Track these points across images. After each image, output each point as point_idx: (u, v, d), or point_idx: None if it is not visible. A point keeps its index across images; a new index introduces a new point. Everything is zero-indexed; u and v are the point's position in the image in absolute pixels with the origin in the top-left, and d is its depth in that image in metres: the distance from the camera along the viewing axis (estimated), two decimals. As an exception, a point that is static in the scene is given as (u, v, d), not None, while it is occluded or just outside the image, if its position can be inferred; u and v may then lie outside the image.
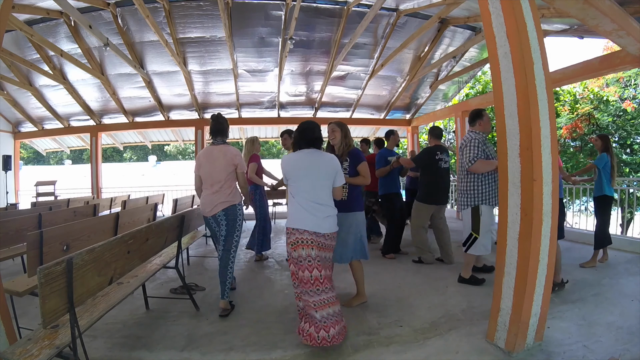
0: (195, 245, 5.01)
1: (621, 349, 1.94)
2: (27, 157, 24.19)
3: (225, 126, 2.79)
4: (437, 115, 8.75)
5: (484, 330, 2.13)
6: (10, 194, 8.21)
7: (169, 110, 7.97)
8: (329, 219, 2.10)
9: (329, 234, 2.10)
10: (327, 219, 2.09)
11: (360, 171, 2.65)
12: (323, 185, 2.11)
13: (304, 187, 2.10)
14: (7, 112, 8.16)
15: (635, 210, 7.97)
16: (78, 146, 10.45)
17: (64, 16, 5.61)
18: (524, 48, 1.83)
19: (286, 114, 8.42)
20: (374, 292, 2.92)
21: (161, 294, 3.04)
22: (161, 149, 27.78)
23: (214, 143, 2.75)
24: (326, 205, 2.11)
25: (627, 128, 10.24)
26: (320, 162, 2.13)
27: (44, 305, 1.36)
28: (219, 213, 2.64)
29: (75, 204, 5.54)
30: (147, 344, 2.16)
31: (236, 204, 2.71)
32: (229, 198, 2.67)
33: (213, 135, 2.76)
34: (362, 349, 2.04)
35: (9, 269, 3.75)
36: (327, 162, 2.14)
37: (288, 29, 5.75)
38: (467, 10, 5.56)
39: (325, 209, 2.09)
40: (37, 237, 2.13)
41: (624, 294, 2.73)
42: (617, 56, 3.92)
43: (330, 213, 2.12)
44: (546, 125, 1.86)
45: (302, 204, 2.08)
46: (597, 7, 2.75)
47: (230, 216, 2.66)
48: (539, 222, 1.85)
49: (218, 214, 2.64)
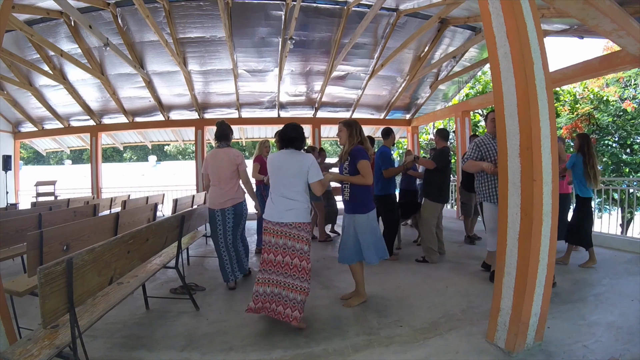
0: (195, 245, 5.01)
1: (621, 349, 1.94)
2: (27, 157, 24.17)
3: (228, 132, 3.25)
4: (437, 115, 8.76)
5: (484, 330, 2.13)
6: (10, 194, 8.20)
7: (169, 110, 7.97)
8: (293, 211, 2.33)
9: (293, 223, 2.32)
10: (290, 210, 2.33)
11: (360, 170, 2.55)
12: (292, 182, 2.35)
13: (275, 183, 2.41)
14: (7, 112, 8.16)
15: (635, 210, 7.98)
16: (78, 146, 10.44)
17: (64, 16, 5.61)
18: (524, 48, 1.83)
19: (286, 114, 8.42)
20: (374, 292, 2.92)
21: (161, 294, 3.04)
22: (161, 149, 27.76)
23: (219, 146, 3.21)
24: (294, 200, 2.35)
25: (627, 128, 10.22)
26: (291, 160, 2.37)
27: (44, 305, 1.36)
28: (229, 208, 3.10)
29: (75, 204, 5.53)
30: (147, 344, 2.16)
31: (243, 202, 3.23)
32: (237, 195, 3.15)
33: (218, 139, 3.23)
34: (362, 349, 2.04)
35: (9, 269, 3.75)
36: (297, 161, 2.36)
37: (288, 29, 5.75)
38: (467, 10, 5.56)
39: (291, 203, 2.34)
40: (37, 237, 2.13)
41: (624, 294, 2.73)
42: (617, 56, 3.92)
43: (296, 207, 2.34)
44: (546, 125, 1.86)
45: (272, 197, 2.41)
46: (597, 7, 2.75)
47: (237, 211, 3.15)
48: (539, 222, 1.85)
49: (227, 208, 3.10)
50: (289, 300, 2.28)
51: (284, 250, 2.33)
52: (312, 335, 2.23)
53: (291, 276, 2.31)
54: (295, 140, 2.42)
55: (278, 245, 2.34)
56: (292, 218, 2.33)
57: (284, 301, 2.30)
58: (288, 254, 2.33)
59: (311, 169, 2.35)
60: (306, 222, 2.36)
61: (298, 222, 2.33)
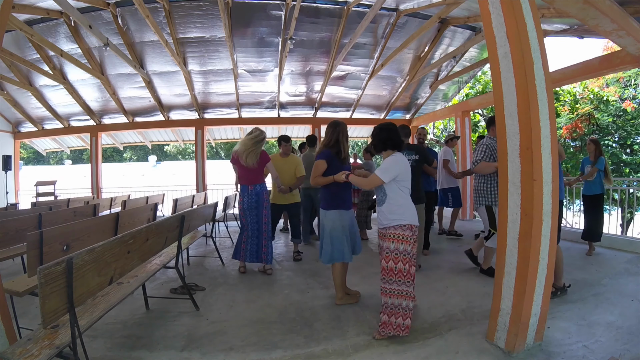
0: (195, 245, 5.01)
1: (621, 349, 1.94)
2: (27, 157, 24.14)
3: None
4: (437, 115, 8.76)
5: (484, 330, 2.13)
6: (10, 194, 8.21)
7: (169, 110, 7.97)
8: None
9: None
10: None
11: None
12: None
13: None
14: (7, 112, 8.16)
15: (635, 210, 7.98)
16: (78, 146, 10.44)
17: (64, 16, 5.61)
18: (524, 48, 1.83)
19: (286, 114, 8.42)
20: (374, 292, 2.91)
21: (161, 294, 3.04)
22: (161, 149, 27.73)
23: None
24: None
25: (627, 128, 10.22)
26: None
27: (44, 305, 1.36)
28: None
29: (75, 204, 5.53)
30: (147, 344, 2.16)
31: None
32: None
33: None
34: (362, 349, 2.04)
35: (9, 269, 3.75)
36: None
37: (288, 29, 5.75)
38: (467, 10, 5.56)
39: None
40: (37, 237, 2.13)
41: (624, 294, 2.73)
42: (617, 56, 3.92)
43: None
44: (546, 125, 1.86)
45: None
46: (597, 7, 2.75)
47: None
48: (539, 222, 1.85)
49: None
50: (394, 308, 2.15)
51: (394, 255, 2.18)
52: (312, 335, 2.23)
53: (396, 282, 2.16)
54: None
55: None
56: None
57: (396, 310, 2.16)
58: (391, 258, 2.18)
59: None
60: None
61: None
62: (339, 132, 2.66)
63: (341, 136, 2.66)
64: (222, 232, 5.96)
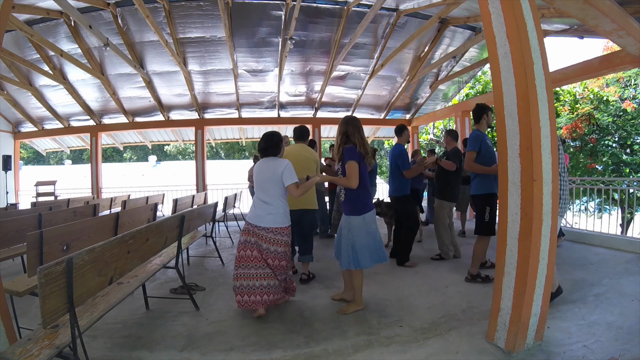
0: (195, 245, 5.01)
1: (621, 349, 1.94)
2: (27, 157, 24.15)
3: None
4: (437, 115, 8.76)
5: (484, 330, 2.13)
6: (10, 194, 8.21)
7: (169, 110, 7.97)
8: (271, 215, 2.47)
9: (270, 227, 2.47)
10: (269, 215, 2.47)
11: (347, 171, 2.43)
12: (268, 187, 2.49)
13: (256, 188, 2.56)
14: (7, 112, 8.16)
15: (635, 210, 7.98)
16: (78, 146, 10.44)
17: (64, 16, 5.61)
18: (524, 48, 1.83)
19: (286, 114, 8.42)
20: (374, 292, 2.92)
21: (161, 294, 3.04)
22: (161, 149, 27.73)
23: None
24: (270, 204, 2.49)
25: (627, 128, 10.22)
26: (266, 167, 2.51)
27: (44, 305, 1.36)
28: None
29: (75, 204, 5.54)
30: (147, 344, 2.16)
31: None
32: None
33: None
34: (362, 349, 2.04)
35: (9, 269, 3.75)
36: (271, 167, 2.50)
37: (288, 29, 5.75)
38: (467, 10, 5.56)
39: (268, 207, 2.49)
40: (37, 237, 2.13)
41: (624, 294, 2.73)
42: (617, 56, 3.92)
43: (274, 211, 2.48)
44: (546, 125, 1.86)
45: (254, 201, 2.58)
46: (597, 7, 2.75)
47: None
48: (539, 222, 1.84)
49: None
50: (263, 288, 2.44)
51: (255, 247, 2.47)
52: (312, 335, 2.22)
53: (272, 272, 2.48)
54: (271, 148, 2.55)
55: (247, 242, 2.50)
56: (274, 223, 2.48)
57: (259, 290, 2.44)
58: (270, 257, 2.47)
59: (284, 172, 2.45)
60: (283, 226, 2.51)
61: (279, 227, 2.48)
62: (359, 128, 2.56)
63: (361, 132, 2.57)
64: (222, 232, 5.96)
